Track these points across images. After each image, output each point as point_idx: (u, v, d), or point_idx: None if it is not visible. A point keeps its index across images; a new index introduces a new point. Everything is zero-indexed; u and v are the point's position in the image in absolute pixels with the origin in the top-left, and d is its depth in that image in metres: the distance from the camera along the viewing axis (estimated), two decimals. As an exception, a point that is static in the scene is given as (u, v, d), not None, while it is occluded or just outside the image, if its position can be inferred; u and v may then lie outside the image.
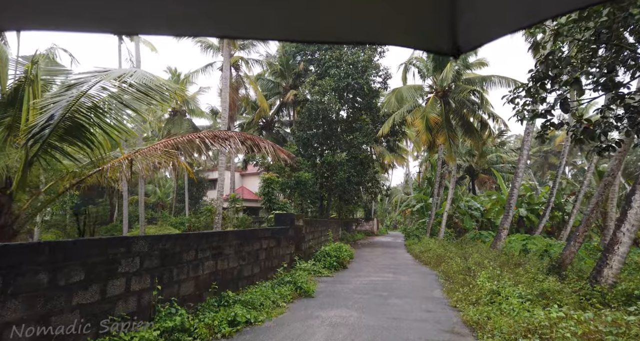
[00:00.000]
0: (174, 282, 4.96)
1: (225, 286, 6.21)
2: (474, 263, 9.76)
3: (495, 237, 14.33)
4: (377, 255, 17.53)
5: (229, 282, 6.36)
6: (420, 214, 32.84)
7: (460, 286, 7.92)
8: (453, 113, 21.02)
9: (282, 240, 9.02)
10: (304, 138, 23.20)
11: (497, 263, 9.20)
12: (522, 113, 8.77)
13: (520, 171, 14.15)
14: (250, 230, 7.28)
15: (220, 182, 13.08)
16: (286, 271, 8.54)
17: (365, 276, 10.61)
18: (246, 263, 6.98)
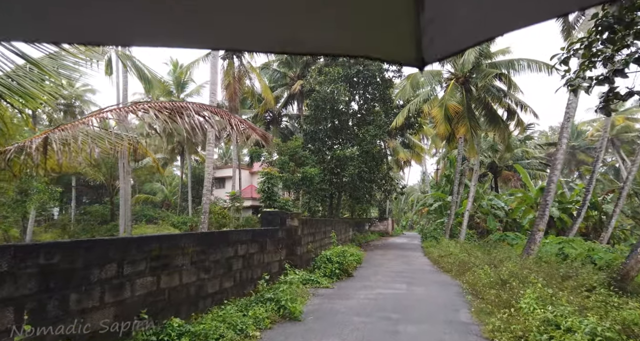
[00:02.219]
0: (69, 313, 3.28)
1: (173, 311, 4.52)
2: (508, 274, 7.81)
3: (528, 239, 12.27)
4: (389, 258, 15.63)
5: (181, 304, 4.66)
6: (438, 214, 30.66)
7: (494, 308, 6.02)
8: (475, 102, 18.91)
9: (268, 244, 7.30)
10: (311, 132, 21.49)
11: (540, 275, 7.24)
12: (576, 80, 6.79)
13: (559, 162, 12.03)
14: (219, 232, 5.59)
15: (207, 177, 11.48)
16: (272, 283, 6.79)
17: (373, 287, 8.78)
18: (211, 277, 5.29)
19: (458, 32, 0.89)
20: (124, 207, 13.14)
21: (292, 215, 8.95)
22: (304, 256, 9.66)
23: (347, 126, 22.26)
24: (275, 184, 15.44)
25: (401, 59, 0.95)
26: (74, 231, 24.59)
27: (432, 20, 0.82)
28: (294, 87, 23.58)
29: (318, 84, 20.69)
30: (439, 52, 0.90)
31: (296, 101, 26.60)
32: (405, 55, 0.92)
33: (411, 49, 0.89)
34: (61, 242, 3.38)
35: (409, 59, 0.91)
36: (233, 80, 20.08)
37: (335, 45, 0.96)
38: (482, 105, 18.56)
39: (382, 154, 24.08)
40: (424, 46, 0.88)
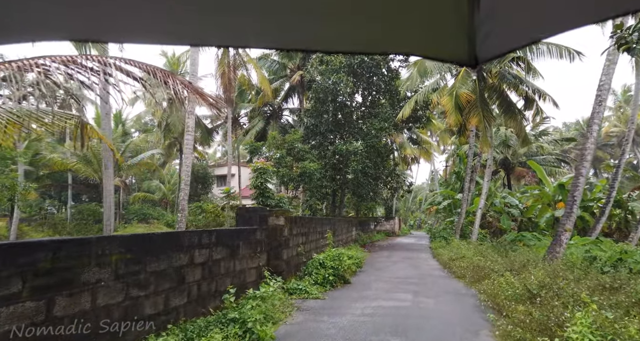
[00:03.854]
0: None
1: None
2: (538, 285, 6.35)
3: (553, 241, 10.76)
4: (394, 261, 14.21)
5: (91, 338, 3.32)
6: (447, 212, 29.10)
7: (527, 332, 4.60)
8: (489, 90, 17.35)
9: (241, 247, 5.96)
10: (312, 125, 20.14)
11: (580, 286, 5.77)
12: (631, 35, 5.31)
13: (589, 152, 10.48)
14: (164, 234, 4.25)
15: (185, 170, 10.13)
16: (245, 295, 5.41)
17: (372, 298, 7.38)
18: (150, 293, 3.96)
19: (512, 31, 0.86)
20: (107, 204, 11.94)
21: (276, 212, 7.59)
22: (293, 261, 8.29)
23: (351, 120, 20.84)
24: (268, 179, 14.13)
25: (453, 57, 0.92)
26: (66, 230, 23.62)
27: (487, 18, 0.80)
28: (294, 77, 22.22)
29: (319, 73, 19.31)
30: (493, 49, 0.88)
31: (297, 94, 25.24)
32: (458, 53, 0.90)
33: (463, 47, 0.88)
34: None
35: (461, 57, 0.90)
36: (228, 69, 18.78)
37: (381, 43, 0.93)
38: (497, 94, 17.00)
39: (388, 149, 22.62)
40: (478, 44, 0.87)
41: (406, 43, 0.92)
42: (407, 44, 0.93)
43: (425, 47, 0.94)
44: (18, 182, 14.41)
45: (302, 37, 0.88)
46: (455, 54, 0.91)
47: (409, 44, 0.92)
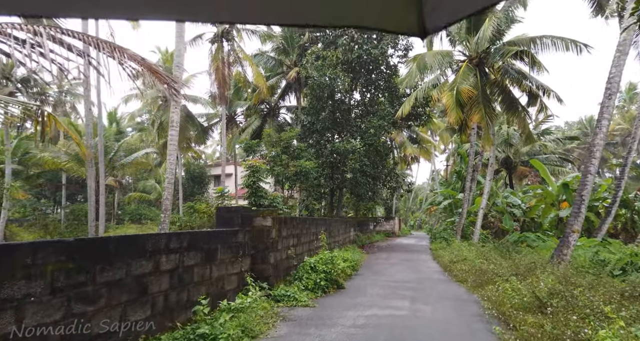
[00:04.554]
0: None
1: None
2: (547, 292, 5.77)
3: (560, 242, 10.16)
4: (393, 263, 13.63)
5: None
6: (447, 212, 28.51)
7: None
8: (491, 86, 16.76)
9: (219, 251, 5.39)
10: (308, 123, 19.57)
11: (595, 294, 5.18)
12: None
13: (598, 148, 9.88)
14: (121, 238, 3.67)
15: (169, 167, 9.52)
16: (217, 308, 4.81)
17: (366, 305, 6.80)
18: (101, 308, 3.37)
19: None
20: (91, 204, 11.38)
21: (263, 212, 7.01)
22: (282, 265, 7.71)
23: (349, 118, 20.27)
24: (261, 178, 13.56)
25: (402, 28, 0.94)
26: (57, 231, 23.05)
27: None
28: (290, 74, 21.62)
29: (315, 69, 18.73)
30: (440, 20, 0.89)
31: (294, 91, 24.65)
32: (407, 24, 0.91)
33: (412, 19, 0.89)
34: None
35: (411, 27, 0.91)
36: (222, 65, 18.21)
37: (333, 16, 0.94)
38: (499, 89, 16.40)
39: (387, 148, 22.04)
40: (426, 15, 0.87)
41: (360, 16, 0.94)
42: (360, 17, 0.95)
43: (376, 19, 0.96)
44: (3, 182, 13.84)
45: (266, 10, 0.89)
46: (404, 25, 0.93)
47: (362, 17, 0.94)
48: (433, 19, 0.88)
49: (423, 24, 0.89)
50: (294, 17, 0.95)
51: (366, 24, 0.98)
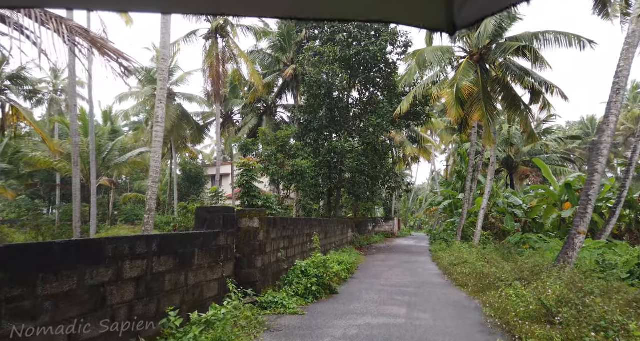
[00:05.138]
0: None
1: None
2: (556, 300, 5.30)
3: (565, 244, 9.69)
4: (391, 265, 13.16)
5: None
6: (447, 213, 28.08)
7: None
8: (492, 83, 16.29)
9: (196, 255, 4.92)
10: (305, 121, 19.13)
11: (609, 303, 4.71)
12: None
13: (605, 146, 9.40)
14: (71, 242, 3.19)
15: (154, 165, 9.02)
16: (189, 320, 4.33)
17: (360, 313, 6.33)
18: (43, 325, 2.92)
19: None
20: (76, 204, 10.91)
21: (249, 213, 6.55)
22: (270, 269, 7.23)
23: (347, 116, 19.82)
24: (255, 177, 13.11)
25: (431, 23, 0.91)
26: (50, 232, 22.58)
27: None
28: (286, 71, 21.16)
29: (312, 65, 18.27)
30: (470, 15, 0.86)
31: (291, 89, 24.19)
32: (436, 19, 0.88)
33: (441, 14, 0.86)
34: None
35: (440, 23, 0.88)
36: (216, 62, 17.76)
37: (358, 10, 0.91)
38: (501, 86, 15.93)
39: (386, 147, 21.59)
40: (456, 9, 0.85)
41: (386, 10, 0.90)
42: (387, 11, 0.90)
43: (405, 14, 0.92)
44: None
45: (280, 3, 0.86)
46: (433, 21, 0.89)
47: (389, 10, 0.90)
48: (462, 14, 0.85)
49: (452, 20, 0.86)
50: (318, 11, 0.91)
51: (394, 19, 0.95)
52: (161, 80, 8.99)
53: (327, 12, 0.95)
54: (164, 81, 9.01)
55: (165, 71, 9.13)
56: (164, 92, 9.02)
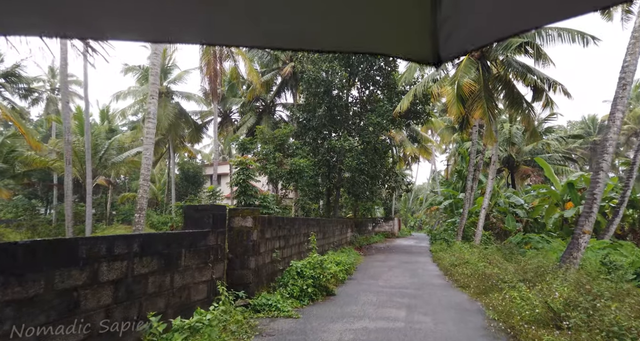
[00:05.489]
0: None
1: None
2: (563, 303, 5.03)
3: (569, 245, 9.42)
4: (390, 266, 12.89)
5: None
6: (448, 213, 27.80)
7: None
8: (493, 81, 16.02)
9: (184, 256, 4.65)
10: (304, 119, 18.88)
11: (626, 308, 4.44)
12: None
13: (611, 143, 9.13)
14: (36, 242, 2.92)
15: (145, 162, 8.74)
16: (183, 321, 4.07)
17: (357, 316, 6.06)
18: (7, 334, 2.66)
19: (474, 30, 0.85)
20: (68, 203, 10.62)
21: (242, 212, 6.28)
22: (265, 270, 6.96)
23: (347, 115, 19.56)
24: (251, 176, 12.86)
25: (417, 56, 0.92)
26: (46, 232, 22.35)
27: (449, 17, 0.80)
28: (285, 69, 20.89)
29: (311, 62, 18.00)
30: (455, 49, 0.88)
31: (290, 87, 23.93)
32: (421, 52, 0.90)
33: (427, 47, 0.87)
34: None
35: (425, 56, 0.89)
36: (213, 59, 17.49)
37: (349, 42, 0.94)
38: (502, 84, 15.66)
39: (385, 146, 21.32)
40: (441, 44, 0.86)
41: (375, 43, 0.94)
42: (375, 44, 0.95)
43: (392, 47, 0.95)
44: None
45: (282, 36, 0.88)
46: (419, 54, 0.91)
47: (377, 44, 0.94)
48: (447, 48, 0.87)
49: (437, 52, 0.88)
50: (307, 42, 0.94)
51: (381, 51, 0.97)
52: (153, 75, 8.73)
53: (317, 44, 0.96)
54: (155, 76, 8.76)
55: (156, 66, 8.86)
56: (156, 88, 8.76)
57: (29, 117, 34.64)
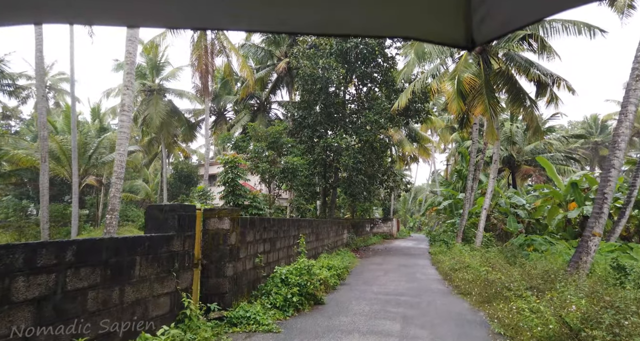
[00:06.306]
0: None
1: None
2: (580, 317, 4.37)
3: (579, 248, 8.76)
4: (387, 270, 12.22)
5: None
6: (448, 213, 27.13)
7: None
8: (495, 76, 15.37)
9: (138, 265, 3.97)
10: (299, 117, 18.25)
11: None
12: None
13: (623, 138, 8.48)
14: None
15: (119, 158, 8.06)
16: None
17: (346, 329, 5.39)
18: None
19: (509, 11, 0.84)
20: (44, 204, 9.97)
21: (218, 212, 5.61)
22: (245, 277, 6.28)
23: (344, 112, 18.92)
24: (241, 175, 12.18)
25: (450, 40, 0.91)
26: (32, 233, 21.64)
27: (482, 1, 0.79)
28: (280, 65, 20.24)
29: (307, 58, 17.34)
30: (490, 32, 0.87)
31: (285, 84, 23.27)
32: (455, 36, 0.89)
33: (460, 30, 0.87)
34: None
35: (458, 40, 0.89)
36: (205, 54, 16.83)
37: (378, 26, 0.92)
38: (504, 79, 15.00)
39: (383, 144, 20.67)
40: (474, 26, 0.85)
41: (406, 26, 0.91)
42: (406, 28, 0.92)
43: (424, 30, 0.93)
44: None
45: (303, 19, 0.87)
46: (452, 37, 0.90)
47: (408, 27, 0.91)
48: (481, 30, 0.85)
49: (471, 36, 0.87)
50: (334, 27, 0.91)
51: (413, 35, 0.95)
52: (128, 64, 8.05)
53: (347, 28, 0.94)
54: (131, 65, 8.09)
55: (132, 54, 8.18)
56: (132, 77, 8.09)
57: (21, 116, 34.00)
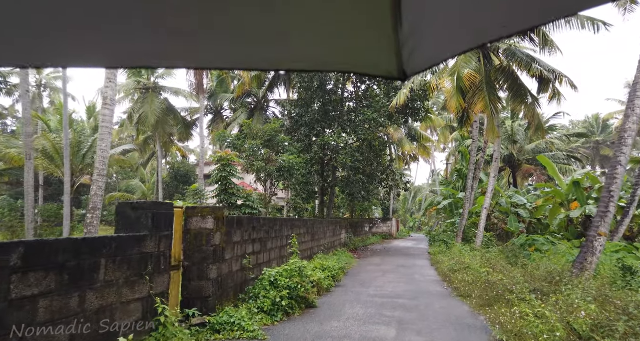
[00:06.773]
0: None
1: None
2: (590, 324, 4.01)
3: (583, 248, 8.39)
4: (385, 271, 11.86)
5: None
6: (448, 213, 26.76)
7: None
8: (496, 72, 15.01)
9: (104, 268, 3.60)
10: (297, 115, 17.91)
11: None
12: None
13: (630, 134, 8.11)
14: None
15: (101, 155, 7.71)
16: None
17: (337, 336, 5.02)
18: None
19: (438, 44, 0.90)
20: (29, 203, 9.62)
21: (202, 211, 5.26)
22: (231, 280, 5.92)
23: (341, 111, 18.58)
24: (234, 173, 11.82)
25: (385, 72, 0.97)
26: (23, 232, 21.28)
27: (411, 35, 0.83)
28: (276, 62, 19.83)
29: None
30: (418, 65, 0.92)
31: (283, 82, 22.91)
32: (389, 68, 0.94)
33: (393, 63, 0.92)
34: None
35: (392, 72, 0.94)
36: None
37: (320, 63, 0.99)
38: (505, 75, 14.63)
39: (382, 143, 20.31)
40: (404, 60, 0.90)
41: (344, 62, 0.97)
42: (345, 63, 0.99)
43: (361, 65, 0.99)
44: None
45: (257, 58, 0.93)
46: (387, 70, 0.95)
47: (347, 62, 0.98)
48: (410, 64, 0.90)
49: (402, 68, 0.91)
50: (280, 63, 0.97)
51: (350, 69, 1.05)
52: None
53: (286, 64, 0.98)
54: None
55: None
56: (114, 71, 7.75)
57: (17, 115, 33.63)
